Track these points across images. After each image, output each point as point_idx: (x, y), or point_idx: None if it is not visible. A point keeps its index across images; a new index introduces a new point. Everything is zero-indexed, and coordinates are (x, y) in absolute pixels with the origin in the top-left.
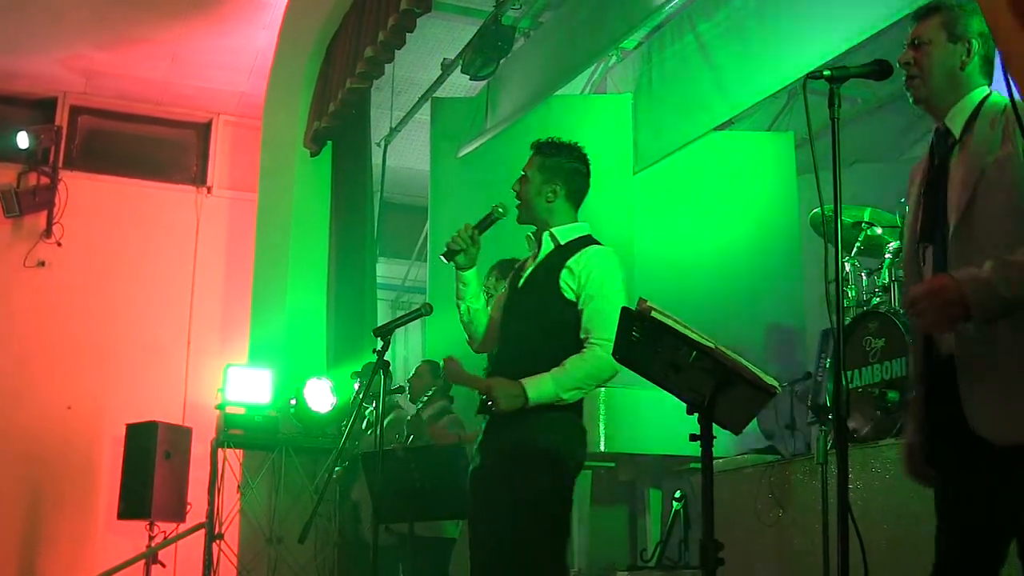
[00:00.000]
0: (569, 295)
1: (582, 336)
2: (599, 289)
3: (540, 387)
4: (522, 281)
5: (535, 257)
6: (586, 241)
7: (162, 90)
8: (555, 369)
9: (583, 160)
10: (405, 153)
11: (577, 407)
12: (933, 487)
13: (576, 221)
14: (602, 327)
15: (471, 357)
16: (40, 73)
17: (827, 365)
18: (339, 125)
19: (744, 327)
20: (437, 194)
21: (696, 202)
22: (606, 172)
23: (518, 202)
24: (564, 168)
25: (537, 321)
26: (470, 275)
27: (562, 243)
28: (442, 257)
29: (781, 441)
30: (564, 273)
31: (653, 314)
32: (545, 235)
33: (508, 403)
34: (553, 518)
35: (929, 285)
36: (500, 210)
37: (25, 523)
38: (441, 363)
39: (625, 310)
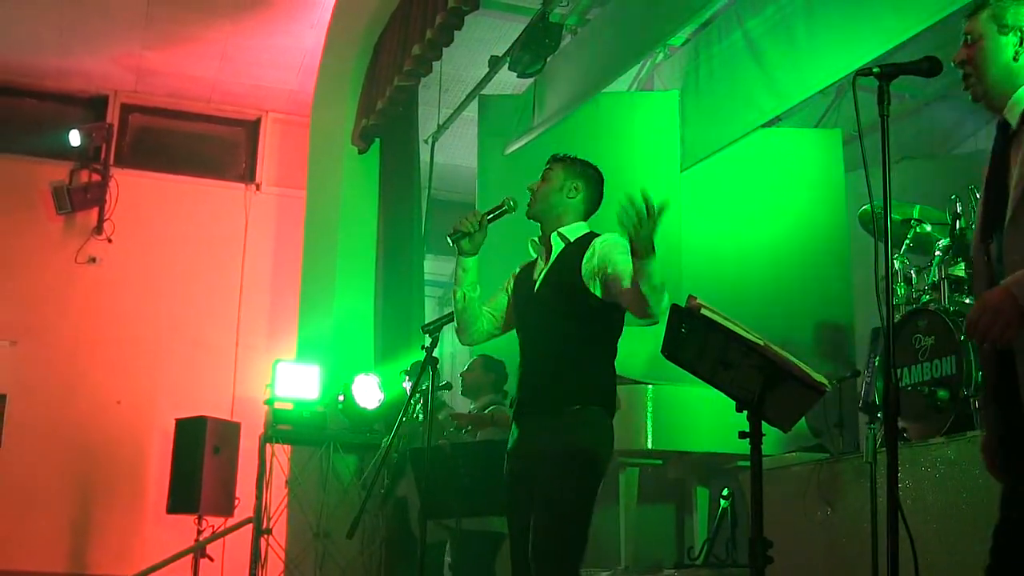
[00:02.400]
0: (593, 288)
1: (610, 271)
2: (617, 253)
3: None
4: (538, 284)
5: (546, 258)
6: (592, 236)
7: (211, 88)
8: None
9: (602, 176)
10: (453, 150)
11: (609, 406)
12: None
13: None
14: (623, 266)
15: (510, 355)
16: (92, 71)
17: (876, 363)
18: (387, 122)
19: (793, 324)
20: (485, 191)
21: (744, 199)
22: (653, 169)
23: (530, 197)
24: (587, 173)
25: (566, 317)
26: (471, 262)
27: (572, 240)
28: (448, 238)
29: (830, 439)
30: (585, 267)
31: (702, 311)
32: (554, 236)
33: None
34: (580, 521)
35: (981, 306)
36: (511, 203)
37: (75, 516)
38: (492, 362)
39: (674, 307)
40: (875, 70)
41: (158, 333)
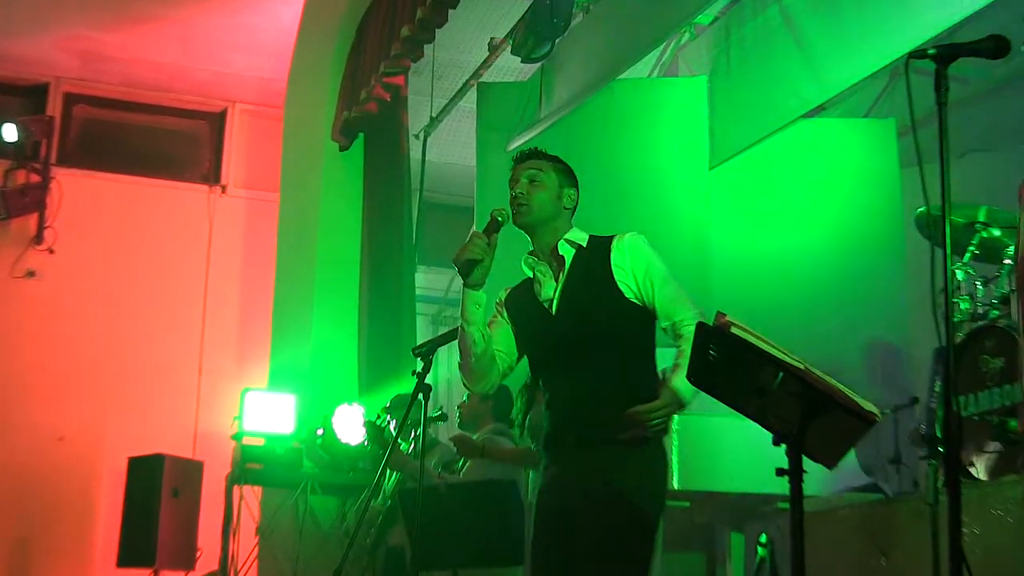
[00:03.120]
0: (629, 295)
1: (666, 325)
2: (659, 271)
3: (684, 382)
4: (556, 305)
5: (558, 273)
6: (603, 239)
7: (170, 75)
8: (680, 360)
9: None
10: (447, 146)
11: (663, 437)
12: None
13: None
14: (684, 306)
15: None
16: (29, 56)
17: (937, 389)
18: (372, 115)
19: (838, 344)
20: (484, 193)
21: (782, 200)
22: (679, 166)
23: (522, 205)
24: (573, 175)
25: (601, 332)
26: (483, 295)
27: (584, 245)
28: (459, 272)
29: (884, 477)
30: (616, 273)
31: (733, 330)
32: (562, 245)
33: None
34: (639, 567)
35: None
36: (500, 218)
37: (11, 571)
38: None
39: (701, 326)
40: (931, 51)
41: (107, 358)
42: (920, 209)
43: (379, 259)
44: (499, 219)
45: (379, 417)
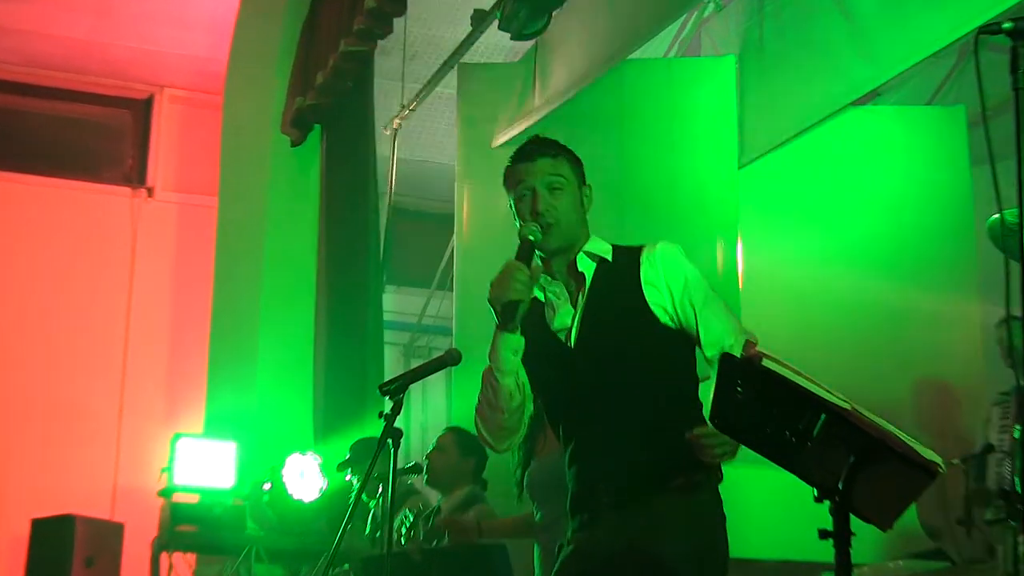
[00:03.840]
0: (665, 319)
1: (714, 354)
2: (700, 288)
3: None
4: (574, 334)
5: (576, 294)
6: (630, 251)
7: (83, 53)
8: None
9: None
10: (422, 141)
11: (717, 478)
12: None
13: None
14: (734, 329)
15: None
16: None
17: (1016, 436)
18: (331, 103)
19: (892, 379)
20: (465, 197)
21: (826, 206)
22: (701, 164)
23: (551, 225)
24: (583, 167)
25: (635, 372)
26: (520, 338)
27: (608, 258)
28: (497, 313)
29: (951, 542)
30: (648, 292)
31: (764, 362)
32: (581, 258)
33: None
34: None
35: None
36: (532, 237)
37: None
38: (470, 440)
39: (726, 358)
40: (1006, 25)
41: (7, 396)
42: (993, 216)
43: (339, 278)
44: (531, 238)
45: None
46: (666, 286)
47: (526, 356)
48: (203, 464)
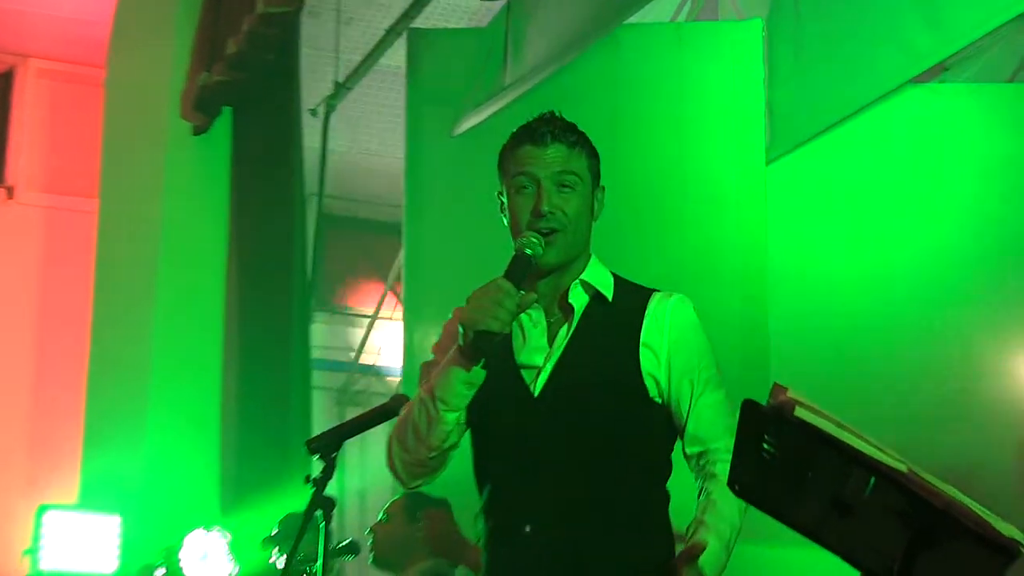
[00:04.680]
0: (654, 392)
1: (694, 451)
2: (706, 370)
3: (718, 560)
4: (541, 381)
5: (557, 328)
6: (636, 292)
7: None
8: (708, 517)
9: None
10: (361, 129)
11: None
12: None
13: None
14: (727, 430)
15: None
16: None
17: None
18: (245, 80)
19: (963, 432)
20: (418, 200)
21: (877, 209)
22: (719, 159)
23: (553, 227)
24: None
25: (608, 449)
26: (483, 372)
27: (606, 294)
28: (466, 341)
29: None
30: (645, 357)
31: (798, 412)
32: (575, 288)
33: None
34: None
35: None
36: (530, 250)
37: None
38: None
39: (749, 407)
40: None
41: None
42: None
43: (255, 303)
44: (528, 252)
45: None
46: (667, 356)
47: (486, 399)
48: (77, 543)
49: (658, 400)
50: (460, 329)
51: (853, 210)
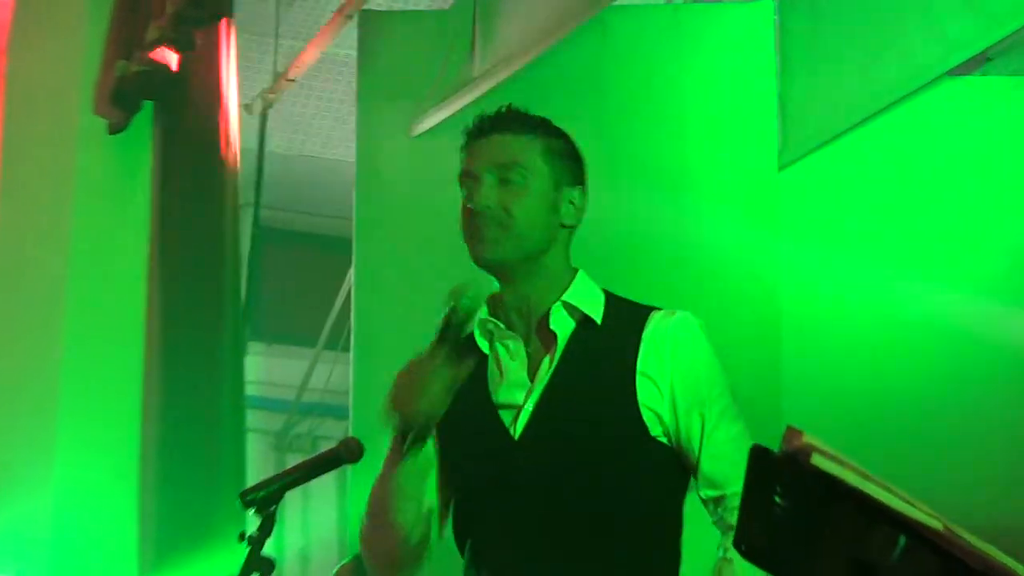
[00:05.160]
0: (658, 431)
1: (710, 495)
2: (718, 401)
3: None
4: (522, 423)
5: (539, 360)
6: (631, 311)
7: None
8: (723, 560)
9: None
10: (304, 127)
11: None
12: None
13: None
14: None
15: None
16: None
17: None
18: (167, 70)
19: (1006, 482)
20: (371, 211)
21: (907, 217)
22: (725, 162)
23: (488, 228)
24: (580, 165)
25: (605, 502)
26: (429, 461)
27: (594, 317)
28: (398, 423)
29: None
30: (643, 388)
31: (815, 459)
32: (557, 311)
33: None
34: None
35: None
36: (460, 305)
37: None
38: None
39: (758, 453)
40: None
41: None
42: None
43: (180, 332)
44: (458, 308)
45: None
46: (669, 386)
47: (450, 436)
48: None
49: (663, 439)
50: (390, 423)
51: (881, 224)
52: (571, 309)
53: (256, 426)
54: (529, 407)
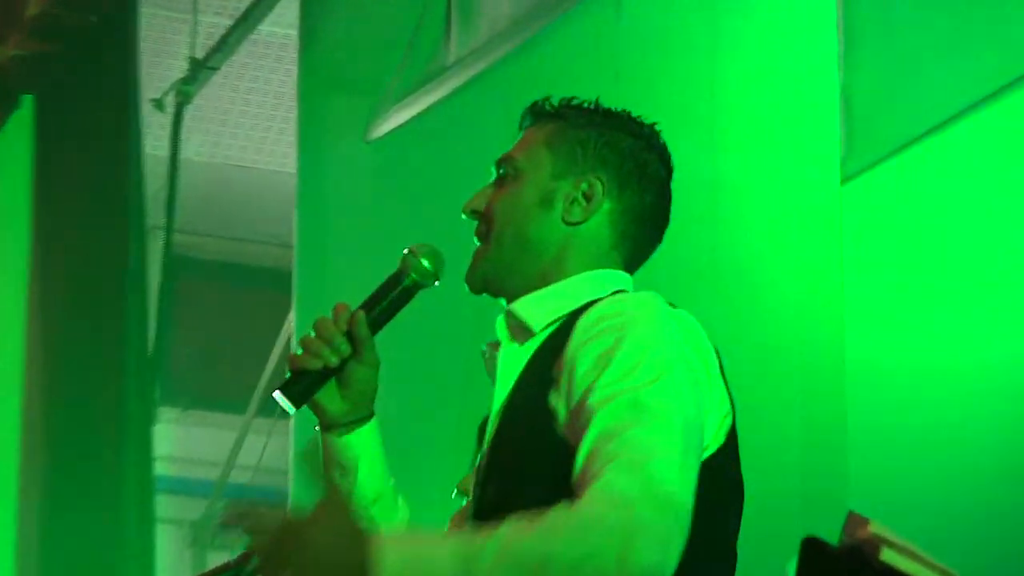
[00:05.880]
0: (562, 431)
1: (576, 478)
2: (611, 380)
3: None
4: (488, 439)
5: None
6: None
7: None
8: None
9: (657, 144)
10: (229, 128)
11: None
12: None
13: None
14: (621, 457)
15: None
16: None
17: None
18: (54, 55)
19: None
20: (316, 236)
21: (1002, 243)
22: (773, 171)
23: (478, 239)
24: (619, 149)
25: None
26: (357, 439)
27: (536, 330)
28: (279, 397)
29: None
30: (552, 393)
31: (885, 555)
32: (500, 322)
33: None
34: None
35: None
36: (419, 269)
37: None
38: None
39: (814, 547)
40: None
41: None
42: None
43: (67, 391)
44: (406, 281)
45: None
46: (568, 365)
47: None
48: None
49: (569, 440)
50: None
51: (968, 250)
52: (514, 320)
53: (169, 515)
54: (492, 424)
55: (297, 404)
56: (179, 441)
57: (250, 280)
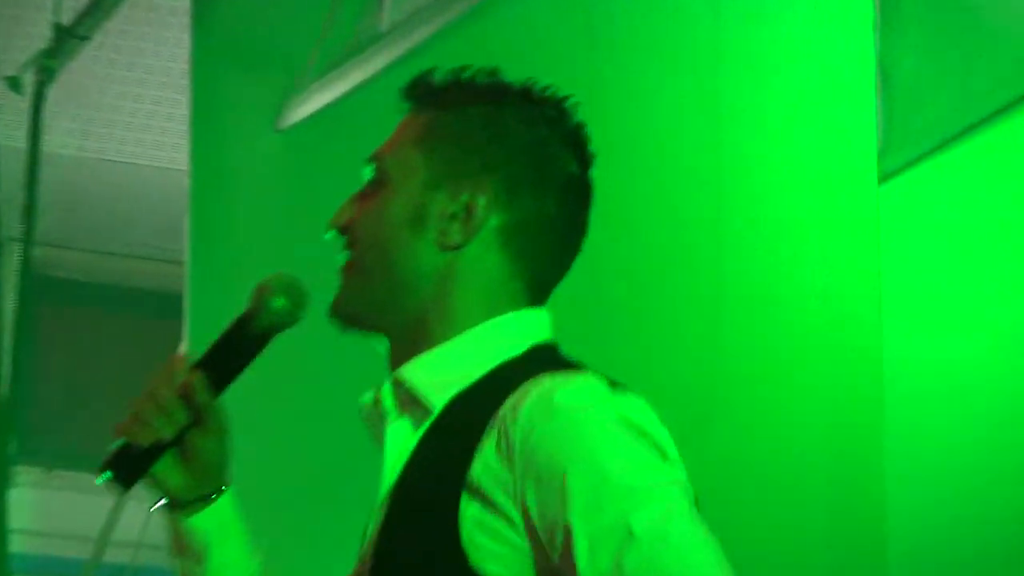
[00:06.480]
0: (495, 570)
1: None
2: (609, 505)
3: None
4: (369, 533)
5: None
6: (528, 368)
7: None
8: None
9: (566, 128)
10: (105, 115)
11: None
12: None
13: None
14: None
15: None
16: None
17: None
18: None
19: None
20: (212, 249)
21: None
22: (800, 171)
23: (342, 264)
24: (507, 143)
25: None
26: (204, 522)
27: (434, 410)
28: (103, 479)
29: None
30: (469, 515)
31: None
32: (386, 392)
33: None
34: None
35: None
36: (271, 310)
37: None
38: None
39: None
40: None
41: None
42: None
43: None
44: (263, 317)
45: None
46: (514, 499)
47: None
48: None
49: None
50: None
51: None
52: (400, 387)
53: None
54: (375, 520)
55: (127, 485)
56: (41, 510)
57: (130, 304)
